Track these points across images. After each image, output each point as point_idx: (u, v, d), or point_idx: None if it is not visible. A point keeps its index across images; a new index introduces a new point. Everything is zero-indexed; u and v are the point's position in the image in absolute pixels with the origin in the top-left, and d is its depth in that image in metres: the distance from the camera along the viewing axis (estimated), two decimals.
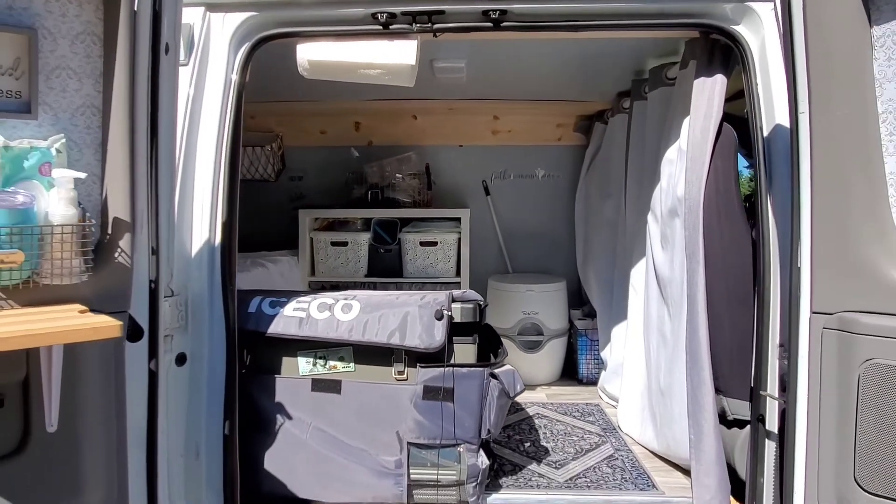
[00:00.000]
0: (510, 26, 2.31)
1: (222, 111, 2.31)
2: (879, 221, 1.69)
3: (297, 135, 4.68)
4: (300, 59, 2.43)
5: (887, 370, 1.62)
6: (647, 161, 3.21)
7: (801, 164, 1.79)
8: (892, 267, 1.66)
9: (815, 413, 1.79)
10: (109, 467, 1.78)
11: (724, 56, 2.43)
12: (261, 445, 2.47)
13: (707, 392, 2.39)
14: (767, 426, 2.17)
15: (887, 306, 1.65)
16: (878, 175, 1.69)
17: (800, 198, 1.80)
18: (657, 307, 2.91)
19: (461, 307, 2.49)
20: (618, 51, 3.34)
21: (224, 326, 2.26)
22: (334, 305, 2.49)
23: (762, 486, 2.18)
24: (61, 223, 1.61)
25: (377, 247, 4.35)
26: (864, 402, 1.66)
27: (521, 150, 4.79)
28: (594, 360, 4.20)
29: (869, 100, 1.69)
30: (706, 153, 2.39)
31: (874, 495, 1.65)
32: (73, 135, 1.71)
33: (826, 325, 1.75)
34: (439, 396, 2.43)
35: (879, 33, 1.65)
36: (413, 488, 2.47)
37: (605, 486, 2.70)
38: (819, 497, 1.79)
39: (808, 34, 1.71)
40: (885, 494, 1.63)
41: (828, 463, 1.76)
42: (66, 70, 1.69)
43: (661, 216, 2.83)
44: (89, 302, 1.67)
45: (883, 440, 1.63)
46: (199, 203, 2.26)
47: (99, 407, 1.75)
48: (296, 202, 4.70)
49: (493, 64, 3.53)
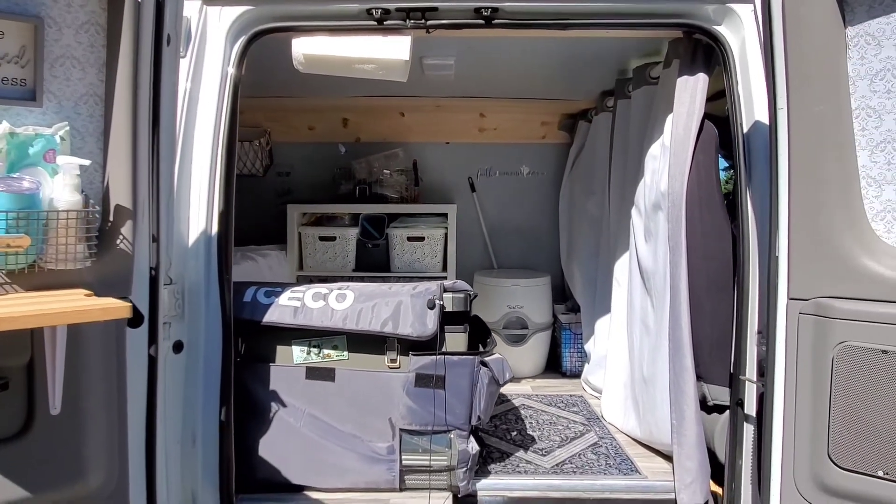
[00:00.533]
0: (501, 24, 2.38)
1: (219, 104, 2.34)
2: (852, 212, 1.78)
3: (286, 131, 4.71)
4: (295, 53, 2.47)
5: (858, 351, 1.72)
6: (631, 158, 3.31)
7: (780, 158, 1.87)
8: (864, 255, 1.75)
9: (791, 395, 1.88)
10: (111, 451, 1.81)
11: (706, 55, 2.53)
12: (255, 433, 2.51)
13: (689, 379, 2.48)
14: (746, 410, 2.26)
15: (859, 291, 1.74)
16: (851, 168, 1.79)
17: (778, 190, 1.89)
18: (640, 299, 3.00)
19: (452, 297, 2.55)
20: (602, 51, 3.43)
21: (220, 315, 2.29)
22: (329, 295, 2.54)
23: (741, 468, 2.27)
24: (66, 209, 1.64)
25: (365, 242, 4.40)
26: (838, 382, 1.76)
27: (506, 147, 4.88)
28: (577, 354, 4.29)
29: (843, 97, 1.78)
30: (689, 149, 2.48)
31: (846, 470, 1.75)
32: (77, 123, 1.75)
33: (802, 310, 1.84)
34: (431, 384, 2.49)
35: (853, 34, 1.75)
36: (405, 474, 2.53)
37: (590, 471, 2.79)
38: (795, 475, 1.88)
39: (787, 34, 1.80)
40: (856, 469, 1.73)
41: (803, 442, 1.85)
42: (71, 59, 1.72)
43: (645, 210, 2.93)
44: (92, 287, 1.71)
45: (854, 417, 1.73)
46: (196, 194, 2.30)
47: (101, 391, 1.78)
48: (283, 197, 4.73)
49: (481, 62, 3.60)
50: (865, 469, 1.72)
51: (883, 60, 1.71)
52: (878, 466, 1.70)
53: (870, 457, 1.71)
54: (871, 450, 1.71)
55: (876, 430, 1.69)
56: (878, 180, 1.75)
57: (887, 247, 1.74)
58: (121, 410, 1.83)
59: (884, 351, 1.69)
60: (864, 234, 1.77)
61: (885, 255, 1.74)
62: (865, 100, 1.75)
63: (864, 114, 1.76)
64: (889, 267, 1.71)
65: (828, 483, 1.79)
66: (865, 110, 1.76)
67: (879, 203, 1.76)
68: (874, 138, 1.75)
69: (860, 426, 1.72)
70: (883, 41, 1.70)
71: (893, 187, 1.73)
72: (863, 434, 1.72)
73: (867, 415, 1.71)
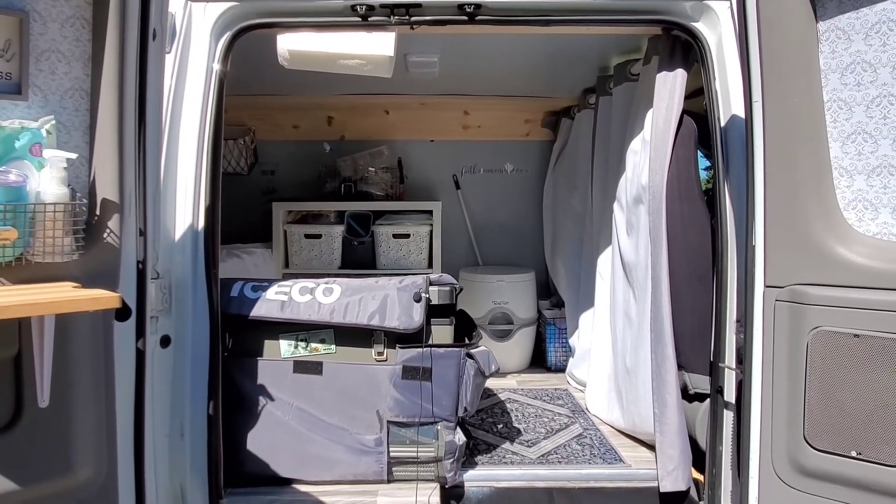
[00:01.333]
0: (484, 20, 2.41)
1: (204, 99, 2.35)
2: (825, 202, 1.84)
3: (270, 129, 4.71)
4: (280, 49, 2.49)
5: (832, 336, 1.77)
6: (613, 153, 3.36)
7: (755, 150, 1.92)
8: (836, 243, 1.81)
9: (768, 380, 1.93)
10: (99, 445, 1.82)
11: (684, 52, 2.58)
12: (244, 427, 2.52)
13: (670, 368, 2.53)
14: (726, 397, 2.31)
15: (832, 278, 1.80)
16: (823, 159, 1.84)
17: (754, 181, 1.94)
18: (623, 291, 3.06)
19: (438, 290, 2.58)
20: (584, 48, 3.48)
21: (207, 309, 2.30)
22: (316, 289, 2.56)
23: (721, 454, 2.33)
24: (53, 202, 1.65)
25: (351, 239, 4.41)
26: (812, 366, 1.81)
27: (490, 145, 4.91)
28: (562, 349, 4.34)
29: (816, 90, 1.84)
30: (668, 143, 2.53)
31: (821, 451, 1.80)
32: (62, 117, 1.75)
33: (778, 297, 1.89)
34: (418, 376, 2.52)
35: (824, 28, 1.81)
36: (393, 465, 2.55)
37: (575, 461, 2.83)
38: (773, 458, 1.93)
39: (761, 30, 1.85)
40: (830, 450, 1.79)
41: (780, 425, 1.90)
42: (56, 53, 1.72)
43: (627, 204, 2.98)
44: (79, 280, 1.71)
45: (828, 400, 1.78)
46: (182, 189, 2.30)
47: (89, 384, 1.79)
48: (269, 196, 4.73)
49: (464, 59, 3.63)
50: (840, 450, 1.77)
51: (853, 54, 1.77)
52: (851, 447, 1.75)
53: (844, 438, 1.77)
54: (844, 431, 1.76)
55: (849, 411, 1.75)
56: (849, 171, 1.81)
57: (858, 235, 1.80)
58: (109, 404, 1.83)
59: (856, 335, 1.74)
60: (836, 223, 1.83)
61: (856, 242, 1.79)
62: (836, 92, 1.81)
63: (836, 106, 1.82)
64: (860, 254, 1.77)
65: (804, 465, 1.84)
66: (837, 103, 1.81)
67: (851, 193, 1.82)
68: (845, 130, 1.80)
69: (834, 409, 1.78)
70: (852, 35, 1.76)
71: (864, 177, 1.79)
72: (837, 416, 1.77)
73: (841, 397, 1.76)
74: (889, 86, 1.72)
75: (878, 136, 1.75)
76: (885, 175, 1.75)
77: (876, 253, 1.75)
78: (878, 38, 1.72)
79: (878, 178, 1.76)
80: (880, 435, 1.71)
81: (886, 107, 1.73)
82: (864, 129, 1.77)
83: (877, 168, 1.76)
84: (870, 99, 1.75)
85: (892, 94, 1.72)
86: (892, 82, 1.71)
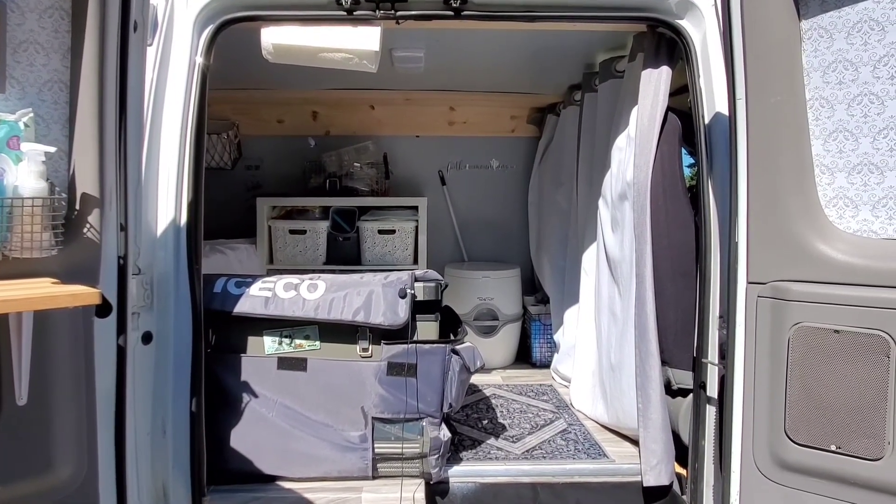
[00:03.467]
0: (470, 15, 2.40)
1: (187, 93, 2.32)
2: (807, 199, 1.86)
3: (254, 124, 4.66)
4: (264, 43, 2.46)
5: (813, 331, 1.80)
6: (598, 150, 3.37)
7: (739, 148, 1.94)
8: (817, 240, 1.83)
9: (750, 375, 1.96)
10: (79, 442, 1.80)
11: (669, 49, 2.59)
12: (227, 424, 2.50)
13: (654, 364, 2.55)
14: (709, 392, 2.33)
15: (813, 275, 1.82)
16: (805, 157, 1.86)
17: (737, 178, 1.96)
18: (608, 287, 3.07)
19: (423, 286, 2.58)
20: (569, 45, 3.48)
21: (190, 306, 2.28)
22: (300, 285, 2.54)
23: (704, 448, 2.35)
24: (31, 196, 1.62)
25: (336, 235, 4.39)
26: (793, 361, 1.84)
27: (476, 141, 4.91)
28: (547, 345, 4.36)
29: (798, 88, 1.86)
30: (653, 139, 2.54)
31: (801, 445, 1.83)
32: (41, 109, 1.72)
33: (760, 293, 1.91)
34: (403, 372, 2.51)
35: (807, 27, 1.82)
36: (377, 462, 2.55)
37: (559, 456, 2.85)
38: (754, 452, 1.95)
39: (745, 28, 1.87)
40: (810, 444, 1.81)
41: (762, 420, 1.93)
42: (34, 44, 1.69)
43: (612, 200, 2.99)
44: (58, 276, 1.69)
45: (808, 394, 1.81)
46: (165, 184, 2.27)
47: (69, 382, 1.76)
48: (253, 191, 4.69)
49: (450, 55, 3.62)
50: (819, 444, 1.80)
51: (835, 52, 1.78)
52: (830, 441, 1.78)
53: (823, 432, 1.79)
54: (824, 425, 1.79)
55: (828, 406, 1.78)
56: (830, 168, 1.83)
57: (839, 232, 1.82)
58: (89, 401, 1.81)
59: (836, 331, 1.77)
60: (817, 220, 1.85)
61: (837, 239, 1.82)
62: (819, 90, 1.83)
63: (818, 104, 1.84)
64: (840, 251, 1.80)
65: (785, 459, 1.87)
66: (819, 101, 1.83)
67: (832, 190, 1.84)
68: (827, 128, 1.82)
69: (814, 403, 1.80)
70: (835, 34, 1.78)
71: (845, 175, 1.81)
72: (817, 410, 1.80)
73: (820, 392, 1.79)
74: (870, 84, 1.74)
75: (859, 134, 1.77)
76: (865, 173, 1.77)
77: (856, 250, 1.78)
78: (860, 37, 1.74)
79: (859, 176, 1.78)
80: (858, 429, 1.74)
81: (867, 105, 1.75)
82: (845, 127, 1.79)
83: (857, 166, 1.78)
84: (851, 97, 1.77)
85: (872, 93, 1.74)
86: (873, 81, 1.73)
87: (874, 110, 1.74)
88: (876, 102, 1.73)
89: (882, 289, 1.72)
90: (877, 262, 1.74)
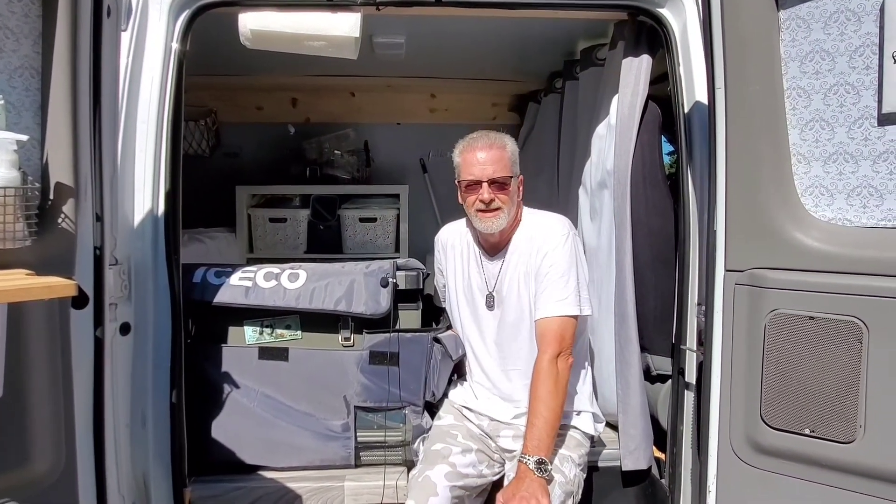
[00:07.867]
0: (451, 2, 2.38)
1: (163, 80, 2.28)
2: (784, 188, 1.88)
3: (233, 111, 4.59)
4: (242, 29, 2.42)
5: (788, 318, 1.83)
6: (579, 138, 3.38)
7: (717, 136, 1.95)
8: (793, 228, 1.86)
9: (728, 362, 1.99)
10: (57, 436, 1.78)
11: (649, 38, 2.59)
12: (208, 414, 2.49)
13: (634, 350, 2.58)
14: (687, 378, 2.37)
15: (789, 262, 1.85)
16: (783, 146, 1.88)
17: (715, 167, 1.97)
18: None
19: (405, 274, 2.58)
20: (551, 32, 3.47)
21: (169, 296, 2.25)
22: (281, 275, 2.53)
23: (682, 433, 2.39)
24: (3, 185, 1.58)
25: (316, 223, 4.36)
26: (770, 347, 1.87)
27: (457, 128, 4.82)
28: None
29: (776, 77, 1.87)
30: (633, 128, 2.56)
31: (776, 429, 1.86)
32: (11, 97, 1.68)
33: (738, 281, 1.94)
34: (385, 361, 2.52)
35: (785, 17, 1.84)
36: (360, 450, 2.55)
37: None
38: (731, 437, 1.99)
39: (724, 17, 1.87)
40: (785, 428, 1.85)
41: (739, 405, 1.96)
42: (4, 29, 1.64)
43: (591, 189, 3.00)
44: (33, 268, 1.65)
45: (784, 379, 1.84)
46: (141, 172, 2.24)
47: (45, 374, 1.74)
48: (232, 178, 4.63)
49: (431, 41, 3.59)
50: (794, 428, 1.84)
51: (812, 43, 1.80)
52: (805, 425, 1.82)
53: (798, 416, 1.83)
54: (798, 410, 1.82)
55: (803, 390, 1.81)
56: (806, 157, 1.86)
57: (815, 220, 1.85)
58: (67, 394, 1.79)
59: (810, 317, 1.80)
60: (794, 208, 1.87)
61: (812, 228, 1.84)
62: (796, 80, 1.85)
63: (795, 94, 1.85)
64: (816, 239, 1.82)
65: (760, 443, 1.91)
66: (796, 90, 1.85)
67: (808, 179, 1.86)
68: (804, 117, 1.84)
69: (789, 388, 1.84)
70: (812, 24, 1.79)
71: (821, 164, 1.83)
72: (791, 395, 1.83)
73: (795, 377, 1.82)
74: (846, 74, 1.76)
75: (835, 123, 1.79)
76: (840, 162, 1.80)
77: (831, 238, 1.81)
78: (837, 28, 1.76)
79: (834, 165, 1.80)
80: (831, 412, 1.78)
81: (843, 95, 1.77)
82: (821, 116, 1.81)
83: (833, 155, 1.80)
84: (827, 87, 1.79)
85: (848, 83, 1.76)
86: (849, 71, 1.75)
87: (850, 100, 1.76)
88: (852, 92, 1.76)
89: (855, 276, 1.75)
90: (850, 250, 1.77)
